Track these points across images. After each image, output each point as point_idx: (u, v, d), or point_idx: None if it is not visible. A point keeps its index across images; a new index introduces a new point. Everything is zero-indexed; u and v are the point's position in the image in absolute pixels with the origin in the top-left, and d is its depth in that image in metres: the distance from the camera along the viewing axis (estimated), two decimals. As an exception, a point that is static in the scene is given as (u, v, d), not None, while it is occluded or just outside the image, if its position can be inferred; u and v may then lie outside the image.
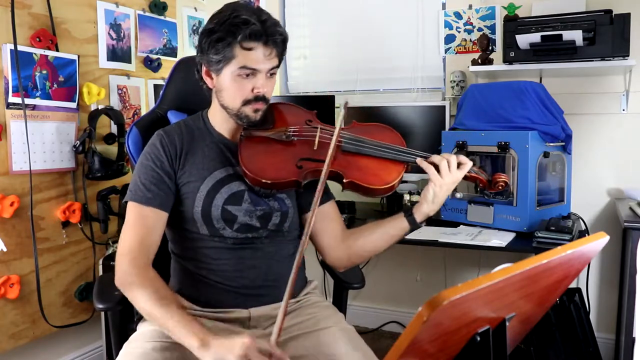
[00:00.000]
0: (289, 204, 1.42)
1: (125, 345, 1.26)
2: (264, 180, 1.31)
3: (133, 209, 1.32)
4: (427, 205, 1.33)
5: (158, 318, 1.19)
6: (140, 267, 1.26)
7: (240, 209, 1.35)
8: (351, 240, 1.43)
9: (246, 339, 1.08)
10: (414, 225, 1.36)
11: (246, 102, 1.33)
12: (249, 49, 1.28)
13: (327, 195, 1.47)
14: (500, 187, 1.37)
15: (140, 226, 1.30)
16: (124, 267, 1.26)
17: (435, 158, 1.32)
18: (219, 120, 1.42)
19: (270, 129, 1.39)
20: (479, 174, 1.36)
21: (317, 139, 1.37)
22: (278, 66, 1.36)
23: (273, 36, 1.29)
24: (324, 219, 1.44)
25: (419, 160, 1.33)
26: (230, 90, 1.33)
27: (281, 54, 1.35)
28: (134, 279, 1.24)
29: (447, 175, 1.29)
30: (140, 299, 1.22)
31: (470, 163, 1.33)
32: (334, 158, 1.32)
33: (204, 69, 1.36)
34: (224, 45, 1.28)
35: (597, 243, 0.87)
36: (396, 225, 1.37)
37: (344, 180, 1.34)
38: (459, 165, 1.31)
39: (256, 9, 1.31)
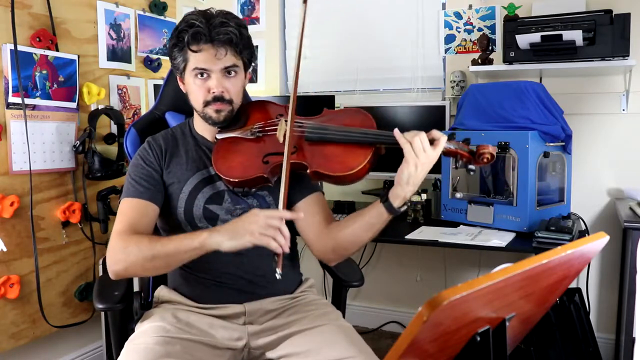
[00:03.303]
0: (270, 201, 1.42)
1: (127, 344, 1.27)
2: (232, 180, 1.33)
3: (124, 203, 1.35)
4: (402, 188, 1.22)
5: (161, 249, 1.22)
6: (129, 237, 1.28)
7: (221, 208, 1.39)
8: (335, 232, 1.36)
9: (255, 210, 1.19)
10: (392, 211, 1.24)
11: (207, 104, 1.36)
12: (197, 51, 1.33)
13: (312, 187, 1.44)
14: (485, 160, 1.23)
15: (130, 214, 1.33)
16: (112, 244, 1.27)
17: (408, 135, 1.20)
18: (200, 124, 1.46)
19: (239, 128, 1.41)
20: (459, 148, 1.23)
21: (279, 133, 1.35)
22: (247, 66, 1.39)
23: (218, 35, 1.31)
24: (308, 211, 1.41)
25: (396, 133, 1.22)
26: (192, 93, 1.39)
27: (241, 52, 1.36)
28: (124, 242, 1.26)
29: (421, 153, 1.17)
30: (136, 248, 1.23)
31: (445, 137, 1.20)
32: (299, 149, 1.31)
33: (177, 76, 1.43)
34: (178, 51, 1.35)
35: (597, 243, 0.87)
36: (373, 213, 1.27)
37: (309, 171, 1.29)
38: (432, 141, 1.19)
39: (210, 13, 1.34)
